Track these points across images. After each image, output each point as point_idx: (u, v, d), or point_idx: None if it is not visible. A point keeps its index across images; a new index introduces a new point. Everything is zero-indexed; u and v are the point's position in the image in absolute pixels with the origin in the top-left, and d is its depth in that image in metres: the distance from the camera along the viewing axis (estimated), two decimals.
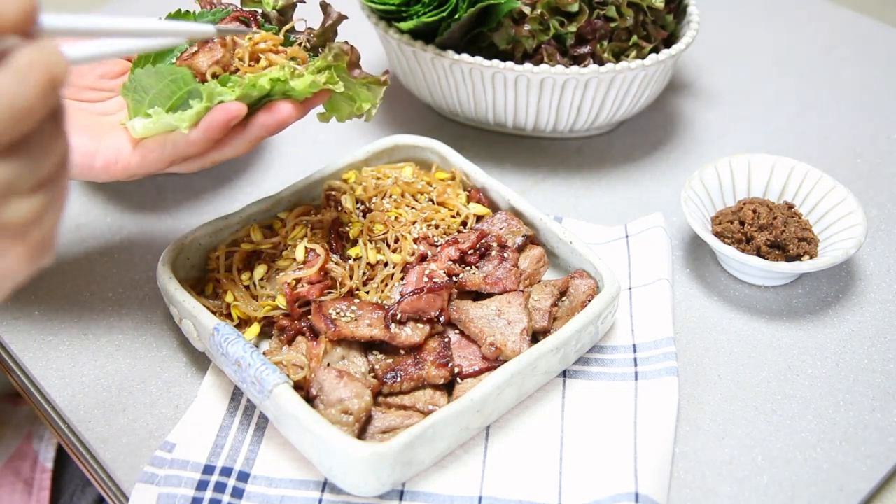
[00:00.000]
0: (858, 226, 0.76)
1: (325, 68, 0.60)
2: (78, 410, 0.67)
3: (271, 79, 0.58)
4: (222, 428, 0.65)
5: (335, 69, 0.61)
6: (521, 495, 0.61)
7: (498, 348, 0.64)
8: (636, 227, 0.82)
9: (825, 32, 1.19)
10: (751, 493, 0.62)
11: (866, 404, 0.68)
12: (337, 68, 0.61)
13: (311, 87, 0.59)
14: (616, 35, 0.87)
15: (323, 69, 0.60)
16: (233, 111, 0.56)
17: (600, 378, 0.69)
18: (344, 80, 0.61)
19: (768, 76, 1.10)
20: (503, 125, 0.93)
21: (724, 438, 0.66)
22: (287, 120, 0.59)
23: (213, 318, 0.64)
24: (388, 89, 1.05)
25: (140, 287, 0.77)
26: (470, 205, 0.77)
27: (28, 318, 0.74)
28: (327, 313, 0.64)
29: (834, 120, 1.02)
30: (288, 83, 0.58)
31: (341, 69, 0.61)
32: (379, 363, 0.65)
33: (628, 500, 0.58)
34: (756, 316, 0.76)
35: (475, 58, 0.84)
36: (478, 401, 0.60)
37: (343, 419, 0.59)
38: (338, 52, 0.60)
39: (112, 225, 0.84)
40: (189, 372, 0.70)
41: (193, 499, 0.59)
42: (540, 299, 0.69)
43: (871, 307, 0.77)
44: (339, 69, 0.61)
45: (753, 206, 0.78)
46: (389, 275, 0.70)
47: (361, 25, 1.03)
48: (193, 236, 0.72)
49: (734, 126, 1.01)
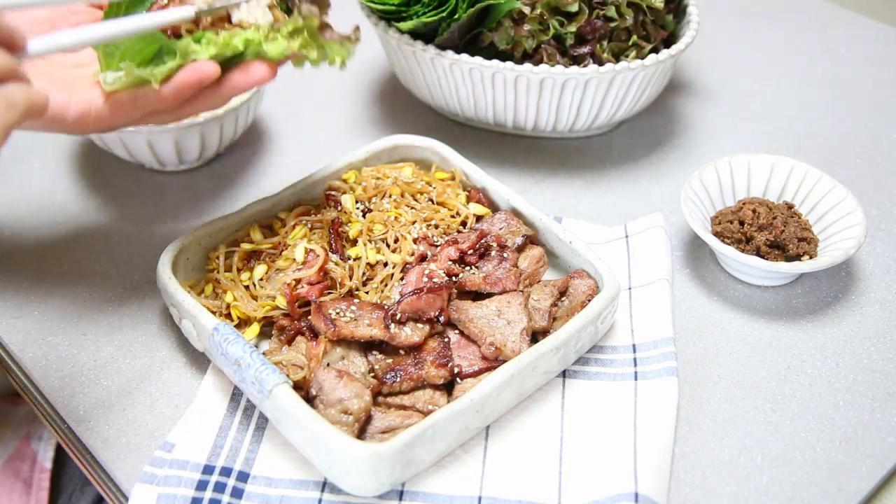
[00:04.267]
0: (858, 226, 0.76)
1: (298, 31, 0.61)
2: (78, 410, 0.67)
3: (245, 39, 0.58)
4: (222, 428, 0.65)
5: (308, 32, 0.61)
6: (521, 495, 0.61)
7: (497, 348, 0.64)
8: (636, 227, 0.82)
9: (825, 32, 1.19)
10: (751, 493, 0.62)
11: (866, 404, 0.68)
12: (309, 31, 0.61)
13: (285, 51, 0.60)
14: (616, 35, 0.87)
15: (295, 32, 0.61)
16: (206, 71, 0.57)
17: (600, 378, 0.69)
18: (315, 42, 0.62)
19: (768, 76, 1.10)
20: (503, 125, 0.94)
21: (724, 438, 0.66)
22: (260, 81, 0.60)
23: (212, 318, 0.64)
24: (388, 89, 1.05)
25: (140, 287, 0.77)
26: (470, 205, 0.77)
27: (28, 318, 0.74)
28: (327, 313, 0.64)
29: (834, 120, 1.02)
30: (261, 46, 0.59)
31: (312, 31, 0.61)
32: (379, 363, 0.65)
33: (628, 500, 0.58)
34: (756, 316, 0.76)
35: (475, 58, 0.84)
36: (477, 401, 0.60)
37: (343, 419, 0.59)
38: (306, 14, 0.60)
39: (112, 225, 0.84)
40: (189, 372, 0.70)
41: (193, 499, 0.59)
42: (539, 299, 0.69)
43: (871, 307, 0.77)
44: (310, 31, 0.61)
45: (753, 206, 0.78)
46: (389, 275, 0.70)
47: (361, 25, 1.03)
48: (193, 236, 0.72)
49: (734, 126, 1.01)
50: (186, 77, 0.57)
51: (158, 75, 0.56)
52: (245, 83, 0.60)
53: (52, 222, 0.84)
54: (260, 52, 0.59)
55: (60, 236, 0.82)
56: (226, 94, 0.60)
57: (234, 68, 0.60)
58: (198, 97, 0.60)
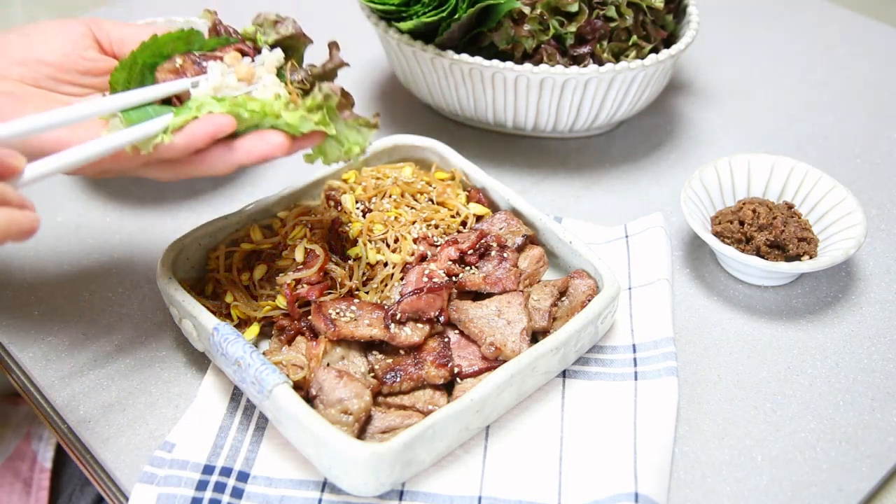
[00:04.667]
0: (858, 226, 0.76)
1: (317, 108, 0.59)
2: (78, 410, 0.67)
3: (263, 103, 0.56)
4: (222, 428, 0.65)
5: (327, 110, 0.59)
6: (521, 495, 0.61)
7: (497, 348, 0.64)
8: (636, 227, 0.82)
9: (825, 32, 1.19)
10: (751, 493, 0.62)
11: (866, 404, 0.68)
12: (328, 109, 0.59)
13: (302, 121, 0.57)
14: (616, 35, 0.87)
15: (314, 108, 0.59)
16: (221, 124, 0.55)
17: (600, 378, 0.69)
18: (334, 123, 0.60)
19: (768, 76, 1.10)
20: (503, 125, 0.94)
21: (724, 438, 0.66)
22: (276, 151, 0.57)
23: (212, 318, 0.64)
24: (388, 89, 1.05)
25: (140, 287, 0.77)
26: (469, 205, 0.77)
27: (28, 318, 0.74)
28: (327, 313, 0.64)
29: (834, 120, 1.02)
30: (279, 114, 0.57)
31: (331, 110, 0.59)
32: (379, 363, 0.65)
33: (628, 500, 0.58)
34: (756, 316, 0.76)
35: (475, 58, 0.84)
36: (477, 401, 0.60)
37: (343, 419, 0.59)
38: (328, 93, 0.58)
39: (112, 225, 0.84)
40: (189, 372, 0.70)
41: (193, 499, 0.59)
42: (539, 299, 0.69)
43: (871, 307, 0.77)
44: (329, 110, 0.59)
45: (753, 206, 0.78)
46: (389, 275, 0.70)
47: (361, 25, 1.03)
48: (193, 236, 0.72)
49: (734, 126, 1.01)
50: (200, 127, 0.55)
51: (171, 125, 0.55)
52: (259, 150, 0.56)
53: (52, 222, 0.84)
54: (277, 121, 0.57)
55: (60, 236, 0.82)
56: (237, 157, 0.57)
57: (250, 133, 0.57)
58: (207, 154, 0.57)
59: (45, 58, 0.61)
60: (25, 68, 0.60)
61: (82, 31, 0.63)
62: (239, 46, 0.62)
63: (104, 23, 0.64)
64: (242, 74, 0.59)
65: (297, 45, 0.64)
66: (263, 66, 0.61)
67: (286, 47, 0.63)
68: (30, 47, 0.61)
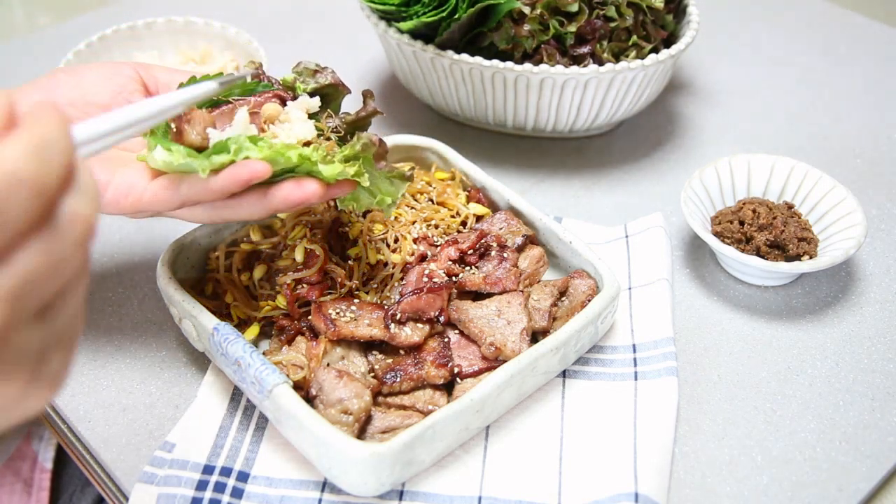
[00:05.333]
0: (858, 226, 0.76)
1: (353, 157, 0.59)
2: (78, 410, 0.67)
3: (301, 154, 0.56)
4: (222, 428, 0.65)
5: (363, 160, 0.59)
6: (521, 495, 0.61)
7: (497, 348, 0.64)
8: (636, 227, 0.82)
9: (825, 32, 1.19)
10: (751, 493, 0.62)
11: (866, 404, 0.68)
12: (364, 159, 0.59)
13: (339, 174, 0.57)
14: (616, 35, 0.87)
15: (351, 158, 0.59)
16: (257, 170, 0.55)
17: (600, 378, 0.69)
18: (368, 172, 0.60)
19: (768, 76, 1.10)
20: (503, 125, 0.94)
21: (724, 438, 0.66)
22: (311, 198, 0.56)
23: (212, 319, 0.64)
24: (388, 89, 1.06)
25: (140, 287, 0.77)
26: (469, 205, 0.77)
27: None
28: (327, 313, 0.64)
29: (834, 120, 1.02)
30: (316, 164, 0.57)
31: (368, 160, 0.60)
32: (379, 363, 0.65)
33: (628, 500, 0.58)
34: (756, 316, 0.76)
35: (475, 58, 0.84)
36: (477, 401, 0.60)
37: (343, 419, 0.59)
38: (366, 143, 0.59)
39: (112, 225, 0.84)
40: (189, 372, 0.70)
41: (193, 499, 0.59)
42: (539, 299, 0.69)
43: (871, 307, 0.77)
44: (366, 160, 0.59)
45: (753, 206, 0.78)
46: (389, 275, 0.70)
47: (361, 25, 1.03)
48: (193, 236, 0.72)
49: (734, 126, 1.01)
50: (237, 172, 0.54)
51: (208, 166, 0.55)
52: (295, 197, 0.56)
53: None
54: (314, 170, 0.57)
55: None
56: (273, 203, 0.57)
57: (287, 180, 0.57)
58: (243, 198, 0.57)
59: (94, 99, 0.62)
60: (75, 109, 0.61)
61: (130, 75, 0.64)
62: (277, 93, 0.62)
63: (152, 67, 0.65)
64: (268, 114, 0.60)
65: (336, 95, 0.65)
66: (296, 107, 0.61)
67: (324, 95, 0.64)
68: (78, 88, 0.62)
